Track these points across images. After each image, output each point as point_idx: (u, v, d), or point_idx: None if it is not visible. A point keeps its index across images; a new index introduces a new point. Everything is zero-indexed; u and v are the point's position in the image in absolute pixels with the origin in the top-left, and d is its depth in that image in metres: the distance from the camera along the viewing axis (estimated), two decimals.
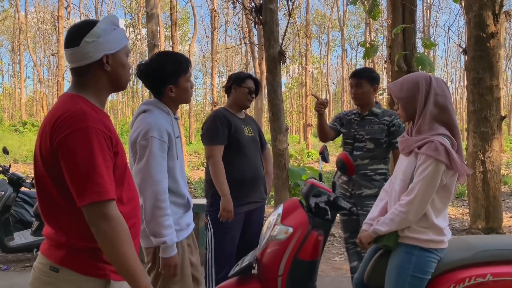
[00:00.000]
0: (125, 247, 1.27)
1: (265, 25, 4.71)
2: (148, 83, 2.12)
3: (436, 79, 1.92)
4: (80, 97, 1.36)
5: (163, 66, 2.05)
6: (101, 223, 1.25)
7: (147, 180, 1.88)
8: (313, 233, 2.12)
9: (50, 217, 1.35)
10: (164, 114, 2.04)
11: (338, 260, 4.50)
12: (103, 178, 1.25)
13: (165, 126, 1.96)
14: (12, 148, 15.03)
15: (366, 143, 2.83)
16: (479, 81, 5.29)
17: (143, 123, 1.95)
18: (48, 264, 1.32)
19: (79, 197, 1.25)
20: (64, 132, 1.25)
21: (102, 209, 1.25)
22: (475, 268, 1.91)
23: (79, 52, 1.35)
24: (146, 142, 1.89)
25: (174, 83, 2.05)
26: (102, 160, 1.26)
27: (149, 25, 10.24)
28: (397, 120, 2.81)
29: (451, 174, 1.85)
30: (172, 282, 2.00)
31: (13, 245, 4.28)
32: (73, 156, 1.24)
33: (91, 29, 1.35)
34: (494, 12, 5.22)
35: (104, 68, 1.38)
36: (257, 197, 2.78)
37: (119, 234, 1.26)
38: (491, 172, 5.28)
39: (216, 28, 23.78)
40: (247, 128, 2.82)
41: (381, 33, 25.04)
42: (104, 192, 1.25)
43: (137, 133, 1.95)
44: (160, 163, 1.91)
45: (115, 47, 1.39)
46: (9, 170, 4.59)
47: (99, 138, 1.27)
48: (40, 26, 36.16)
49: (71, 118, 1.27)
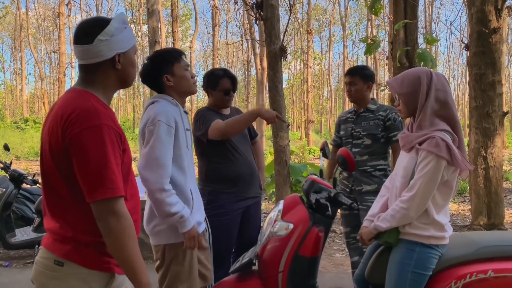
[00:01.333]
0: (131, 243, 1.29)
1: (266, 21, 4.69)
2: (148, 82, 2.18)
3: (437, 74, 1.91)
4: (89, 93, 1.37)
5: (153, 61, 2.14)
6: (110, 219, 1.27)
7: (152, 163, 1.90)
8: (313, 229, 2.11)
9: (56, 212, 1.35)
10: (172, 105, 2.07)
11: (339, 256, 4.50)
12: (115, 175, 1.28)
13: (173, 114, 2.01)
14: (13, 145, 15.06)
15: (364, 139, 2.85)
16: (481, 77, 5.26)
17: (151, 111, 2.01)
18: (52, 258, 1.33)
19: (91, 192, 1.26)
20: (77, 129, 1.27)
21: (113, 205, 1.27)
22: (476, 264, 1.90)
23: (92, 50, 1.35)
24: (153, 127, 1.94)
25: (169, 72, 2.10)
26: (113, 157, 1.28)
27: (150, 21, 10.21)
28: (392, 114, 2.82)
29: (452, 170, 1.84)
30: (180, 280, 2.01)
31: (14, 241, 4.29)
32: (87, 152, 1.26)
33: (105, 27, 1.36)
34: (496, 7, 5.19)
35: (116, 67, 1.39)
36: (252, 192, 2.75)
37: (126, 230, 1.28)
38: (493, 168, 5.27)
39: (217, 25, 23.73)
40: None
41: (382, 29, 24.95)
42: (117, 189, 1.28)
43: (145, 121, 2.00)
44: (167, 146, 1.94)
45: (127, 45, 1.41)
46: (10, 167, 4.59)
47: (110, 136, 1.29)
48: (41, 23, 36.13)
49: (84, 115, 1.28)
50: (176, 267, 2.03)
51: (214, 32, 23.70)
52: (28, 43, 31.31)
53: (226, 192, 2.61)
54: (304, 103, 27.17)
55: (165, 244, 2.02)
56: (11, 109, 41.15)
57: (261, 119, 2.57)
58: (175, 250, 2.03)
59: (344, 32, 31.96)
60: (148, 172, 1.89)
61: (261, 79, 18.61)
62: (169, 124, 1.96)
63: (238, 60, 40.65)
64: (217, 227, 2.45)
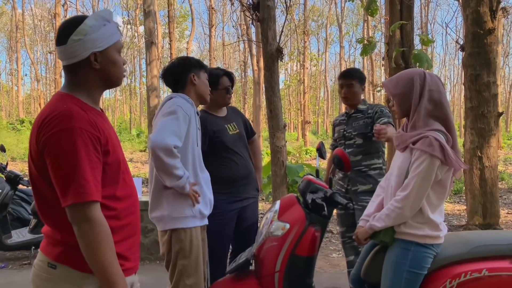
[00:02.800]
0: (104, 251, 1.25)
1: (263, 22, 4.70)
2: (172, 76, 2.31)
3: (431, 75, 1.93)
4: (70, 96, 1.34)
5: (184, 60, 2.32)
6: (82, 224, 1.24)
7: (165, 129, 2.00)
8: (310, 229, 2.12)
9: (46, 215, 1.35)
10: (188, 103, 2.19)
11: (335, 256, 4.52)
12: (85, 179, 1.24)
13: (189, 109, 2.15)
14: (9, 146, 15.00)
15: (355, 139, 2.88)
16: (477, 78, 5.29)
17: (169, 103, 2.15)
18: (46, 261, 1.33)
19: (62, 197, 1.25)
20: (49, 133, 1.25)
21: (84, 210, 1.24)
22: (471, 263, 1.91)
23: (67, 51, 1.33)
24: (172, 109, 2.07)
25: (196, 73, 2.29)
26: (86, 161, 1.25)
27: (147, 22, 10.22)
28: (378, 107, 2.87)
29: (446, 169, 1.86)
30: (187, 275, 2.09)
31: (10, 243, 4.28)
32: (57, 156, 1.24)
33: (78, 26, 1.32)
34: (491, 9, 5.23)
35: (93, 66, 1.36)
36: (248, 193, 2.77)
37: (99, 237, 1.24)
38: (488, 169, 5.30)
39: (214, 25, 23.72)
40: (230, 125, 2.77)
41: (379, 30, 25.03)
42: (87, 193, 1.24)
43: (162, 111, 2.13)
44: (182, 125, 2.06)
45: (104, 44, 1.35)
46: (6, 168, 4.58)
47: (84, 139, 1.25)
48: (37, 23, 36.00)
49: (57, 118, 1.26)
50: (183, 261, 2.09)
51: (210, 33, 23.67)
52: (24, 44, 31.17)
53: (222, 193, 2.62)
54: (301, 104, 27.19)
55: (171, 229, 2.11)
56: (7, 110, 40.97)
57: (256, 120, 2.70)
58: (181, 241, 2.10)
59: (341, 33, 32.03)
60: (158, 136, 1.99)
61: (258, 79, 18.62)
62: (186, 112, 2.10)
63: (235, 61, 40.66)
64: (212, 227, 2.47)
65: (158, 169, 2.03)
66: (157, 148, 1.96)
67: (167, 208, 2.12)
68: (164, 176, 2.04)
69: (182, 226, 2.11)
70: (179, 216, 2.11)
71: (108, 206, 1.33)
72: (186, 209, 2.12)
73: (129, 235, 1.41)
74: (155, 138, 1.98)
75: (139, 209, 1.50)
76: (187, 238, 2.11)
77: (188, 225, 2.12)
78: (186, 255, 2.09)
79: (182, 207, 2.11)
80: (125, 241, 1.39)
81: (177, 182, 2.03)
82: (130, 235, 1.41)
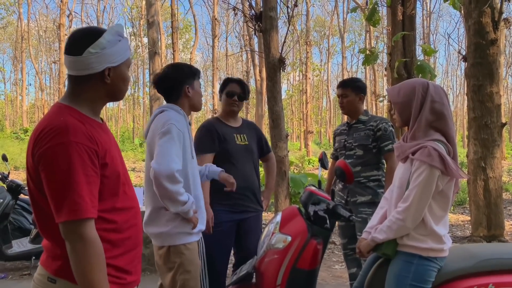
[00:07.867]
0: (94, 271, 1.22)
1: (265, 32, 4.72)
2: (165, 86, 2.26)
3: (435, 86, 1.92)
4: (68, 107, 1.32)
5: (178, 69, 2.26)
6: (75, 242, 1.21)
7: (164, 156, 1.97)
8: (312, 241, 2.09)
9: (44, 229, 1.33)
10: (179, 115, 2.16)
11: (338, 268, 4.46)
12: (80, 195, 1.21)
13: (182, 124, 2.11)
14: (13, 155, 15.03)
15: (356, 150, 2.87)
16: (479, 88, 5.28)
17: (162, 117, 2.11)
18: (46, 275, 1.31)
19: (56, 213, 1.22)
20: (44, 147, 1.22)
21: (77, 228, 1.21)
22: (476, 277, 1.87)
23: (81, 62, 1.31)
24: (166, 129, 2.03)
25: (190, 84, 2.23)
26: (83, 176, 1.22)
27: (150, 32, 10.30)
28: (383, 124, 2.84)
29: (447, 179, 1.83)
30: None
31: (11, 253, 4.25)
32: (51, 171, 1.21)
33: (97, 39, 1.31)
34: (493, 20, 5.23)
35: (105, 81, 1.35)
36: (247, 206, 2.72)
37: (90, 256, 1.21)
38: (492, 179, 5.25)
39: (217, 36, 23.91)
40: (240, 136, 2.76)
41: (381, 40, 25.14)
42: (80, 211, 1.21)
43: (157, 125, 2.09)
44: (178, 145, 2.03)
45: (119, 59, 1.36)
46: (8, 177, 4.57)
47: (80, 153, 1.22)
48: (42, 34, 36.38)
49: (53, 132, 1.23)
50: (184, 276, 2.06)
51: (214, 44, 23.85)
52: (29, 54, 31.47)
53: (220, 204, 2.60)
54: (303, 114, 27.24)
55: (168, 245, 2.08)
56: (11, 119, 41.22)
57: None
58: (181, 256, 2.07)
59: (343, 44, 32.20)
60: (160, 163, 1.96)
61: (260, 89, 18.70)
62: (180, 129, 2.06)
63: (238, 71, 40.86)
64: (210, 240, 2.43)
65: (162, 197, 1.99)
66: (161, 177, 1.93)
67: (166, 226, 2.08)
68: (168, 203, 2.00)
69: (182, 242, 2.07)
70: (179, 232, 2.07)
71: (108, 219, 1.31)
72: (186, 226, 2.08)
73: (130, 248, 1.39)
74: (158, 167, 1.94)
75: (141, 221, 1.48)
76: (187, 252, 2.07)
77: (187, 240, 2.09)
78: (187, 270, 2.05)
79: (182, 224, 2.08)
80: (126, 254, 1.37)
81: (181, 208, 2.00)
82: (131, 248, 1.39)
